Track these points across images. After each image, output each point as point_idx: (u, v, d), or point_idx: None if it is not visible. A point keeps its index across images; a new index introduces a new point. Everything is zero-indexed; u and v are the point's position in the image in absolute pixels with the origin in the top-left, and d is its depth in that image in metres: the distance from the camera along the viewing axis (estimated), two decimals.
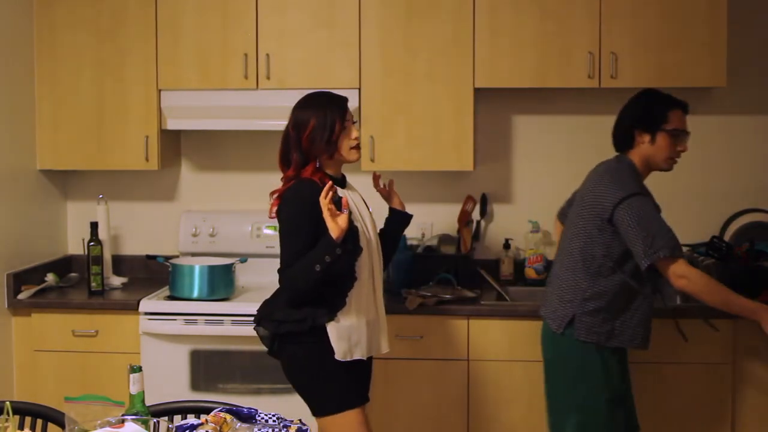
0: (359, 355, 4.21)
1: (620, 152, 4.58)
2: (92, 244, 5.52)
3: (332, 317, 4.15)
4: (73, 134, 5.61)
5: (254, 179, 5.97)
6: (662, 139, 4.46)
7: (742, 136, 5.70)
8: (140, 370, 2.98)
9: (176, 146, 5.96)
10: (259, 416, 3.17)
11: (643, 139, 4.48)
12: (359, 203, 4.34)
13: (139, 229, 6.05)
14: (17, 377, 5.45)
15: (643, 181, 4.48)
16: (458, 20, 5.37)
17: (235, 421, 3.07)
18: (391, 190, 4.68)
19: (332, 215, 4.03)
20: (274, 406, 4.12)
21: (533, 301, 5.44)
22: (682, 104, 4.54)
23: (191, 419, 3.29)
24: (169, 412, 3.44)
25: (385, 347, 4.39)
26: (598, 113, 5.77)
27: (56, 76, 5.61)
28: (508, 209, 5.86)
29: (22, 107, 5.55)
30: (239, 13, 5.48)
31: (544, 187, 5.82)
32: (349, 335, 4.17)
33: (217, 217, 5.85)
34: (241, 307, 5.23)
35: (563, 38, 5.33)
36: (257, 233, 5.79)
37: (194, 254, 5.75)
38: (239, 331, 5.18)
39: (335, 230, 4.02)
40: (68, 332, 5.33)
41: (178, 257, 5.70)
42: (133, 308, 5.28)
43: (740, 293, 4.36)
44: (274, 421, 3.15)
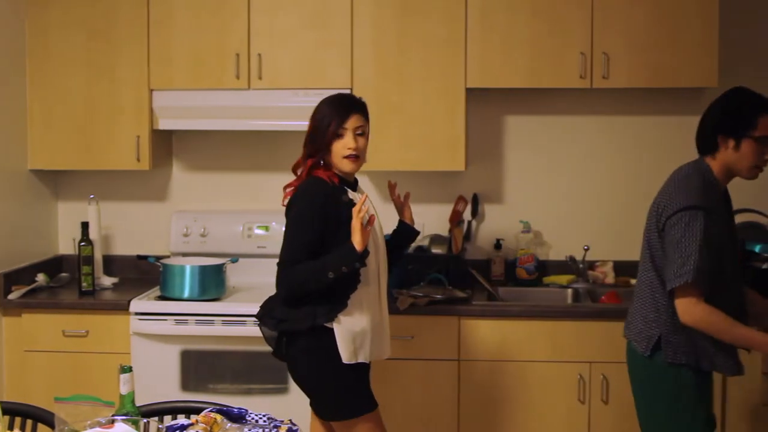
0: (363, 358, 4.21)
1: (702, 155, 4.14)
2: (83, 244, 5.51)
3: (332, 317, 4.14)
4: (64, 134, 5.60)
5: (246, 179, 5.97)
6: (748, 146, 4.02)
7: None
8: (130, 370, 2.97)
9: (168, 146, 5.95)
10: (249, 416, 3.17)
11: (727, 144, 4.04)
12: (371, 209, 4.32)
13: (130, 229, 6.04)
14: (7, 377, 5.43)
15: (719, 189, 4.08)
16: (450, 20, 5.37)
17: (225, 421, 3.07)
18: (405, 202, 4.65)
19: (361, 228, 4.04)
20: (264, 406, 4.12)
21: (524, 301, 5.46)
22: None
23: (181, 419, 3.28)
24: (159, 412, 3.43)
25: (387, 351, 4.39)
26: (590, 113, 5.78)
27: (48, 75, 5.59)
28: (499, 209, 5.86)
29: (13, 107, 5.54)
30: (231, 13, 5.47)
31: (535, 187, 5.83)
32: (353, 338, 4.17)
33: (208, 217, 5.84)
34: (231, 307, 5.23)
35: (555, 38, 5.34)
36: (248, 233, 5.78)
37: (185, 254, 5.74)
38: (230, 331, 5.18)
39: (360, 243, 4.04)
40: (59, 332, 5.31)
41: (169, 257, 5.69)
42: (123, 308, 5.27)
43: None
44: (264, 421, 3.15)
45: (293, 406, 5.10)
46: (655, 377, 4.12)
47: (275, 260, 5.69)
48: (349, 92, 4.42)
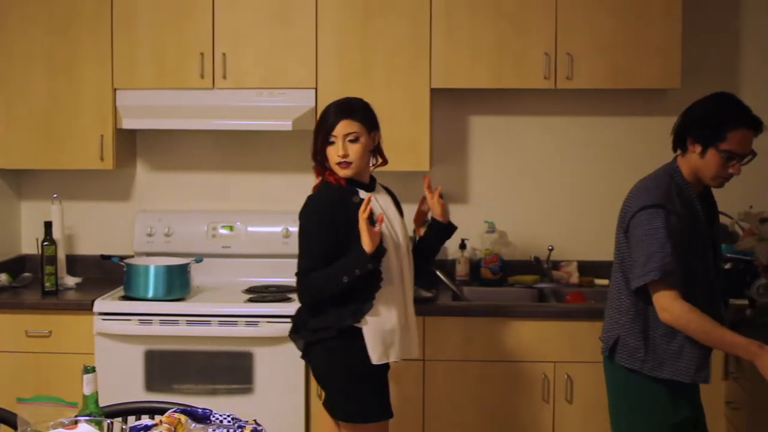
0: (394, 357, 4.23)
1: (675, 152, 4.07)
2: (46, 243, 5.48)
3: (358, 319, 4.16)
4: (26, 133, 5.57)
5: (210, 179, 5.96)
6: (712, 156, 3.90)
7: None
8: (94, 370, 2.95)
9: (131, 146, 5.92)
10: (213, 417, 3.16)
11: (694, 148, 3.94)
12: (388, 206, 4.36)
13: (93, 228, 6.01)
14: None
15: (688, 191, 3.96)
16: (415, 21, 5.37)
17: (189, 421, 3.05)
18: (435, 198, 4.62)
19: (368, 229, 4.05)
20: (229, 406, 4.11)
21: (488, 301, 5.47)
22: (753, 123, 3.94)
23: (145, 420, 3.27)
24: (123, 412, 3.41)
25: (415, 350, 4.39)
26: (554, 114, 5.80)
27: (9, 74, 5.56)
28: (464, 209, 5.86)
29: None
30: (196, 12, 5.46)
31: (500, 187, 5.85)
32: (383, 337, 4.19)
33: (172, 217, 5.82)
34: (196, 307, 5.22)
35: (519, 39, 5.35)
36: (213, 233, 5.77)
37: (149, 254, 5.72)
38: (194, 331, 5.16)
39: (368, 244, 4.05)
40: (21, 332, 5.28)
41: (133, 257, 5.66)
42: (87, 308, 5.24)
43: None
44: (228, 421, 3.14)
45: (258, 406, 5.10)
46: (614, 380, 4.09)
47: (240, 260, 5.75)
48: (352, 97, 4.42)
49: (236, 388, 5.20)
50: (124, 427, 2.90)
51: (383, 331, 4.19)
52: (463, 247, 5.77)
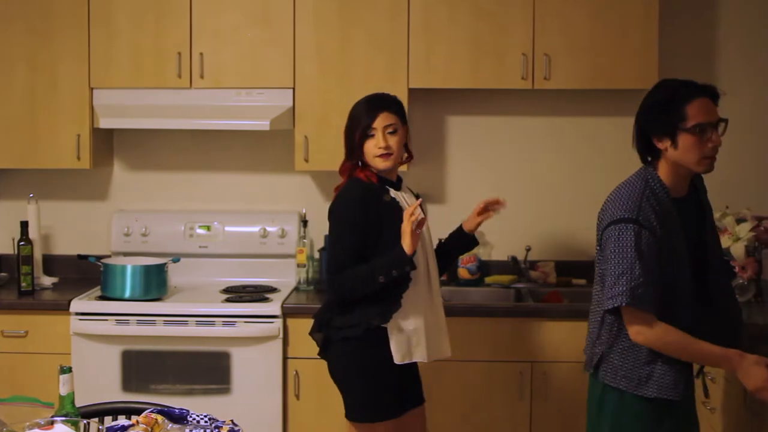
0: (420, 357, 4.21)
1: (646, 163, 3.77)
2: (22, 243, 5.46)
3: (387, 319, 4.14)
4: (3, 132, 5.54)
5: (188, 179, 5.94)
6: (685, 140, 3.62)
7: None
8: (70, 371, 2.95)
9: (109, 145, 5.90)
10: (190, 417, 3.16)
11: (664, 144, 3.65)
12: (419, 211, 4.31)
13: (70, 228, 5.99)
14: None
15: (666, 197, 3.67)
16: (393, 21, 5.38)
17: (166, 422, 3.05)
18: (483, 215, 4.57)
19: (411, 232, 4.04)
20: (206, 406, 4.10)
21: (466, 301, 5.48)
22: (703, 90, 3.71)
23: (122, 420, 3.26)
24: (99, 413, 3.41)
25: (447, 350, 4.36)
26: (531, 114, 5.81)
27: None
28: (441, 210, 5.86)
29: None
30: (173, 11, 5.44)
31: (477, 187, 5.85)
32: (408, 337, 4.17)
33: (149, 216, 5.81)
34: (173, 307, 5.21)
35: (497, 40, 5.36)
36: (190, 233, 5.76)
37: (126, 254, 5.70)
38: (172, 331, 5.15)
39: (410, 246, 4.04)
40: None
41: (110, 257, 5.65)
42: (63, 308, 5.22)
43: None
44: (205, 422, 3.14)
45: (235, 406, 5.10)
46: (597, 397, 3.84)
47: (217, 260, 5.74)
48: (381, 92, 4.41)
49: (214, 388, 5.19)
50: (100, 427, 2.90)
51: (408, 330, 4.17)
52: None
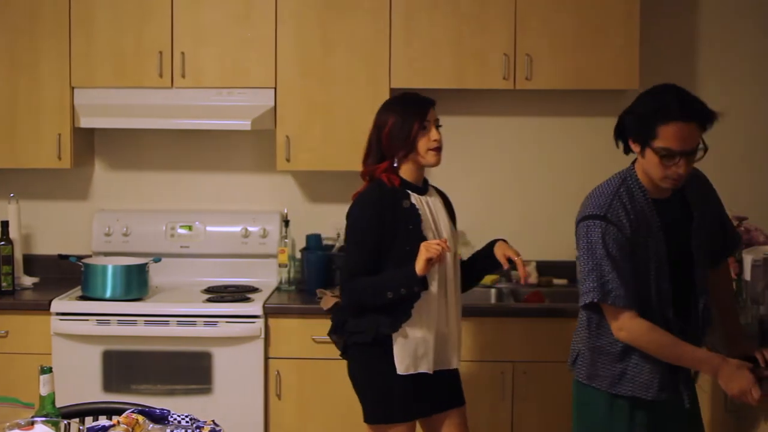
0: (425, 368, 4.15)
1: (626, 153, 3.74)
2: (2, 243, 5.44)
3: (395, 328, 4.10)
4: None
5: (169, 178, 5.93)
6: (650, 155, 3.54)
7: None
8: (50, 371, 2.94)
9: (89, 145, 5.89)
10: (171, 417, 3.15)
11: (635, 148, 3.62)
12: (438, 210, 4.29)
13: (51, 228, 5.97)
14: None
15: (642, 196, 3.64)
16: (375, 21, 5.38)
17: (147, 422, 3.04)
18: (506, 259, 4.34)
19: (426, 261, 3.98)
20: (187, 407, 4.11)
21: None
22: (688, 115, 3.51)
23: (103, 421, 3.26)
24: (80, 413, 3.40)
25: (455, 362, 4.27)
26: (512, 114, 5.82)
27: None
28: None
29: None
30: (154, 11, 5.43)
31: (459, 187, 5.84)
32: (415, 348, 4.12)
33: (130, 216, 5.79)
34: (154, 307, 5.20)
35: (479, 40, 5.37)
36: (171, 233, 5.75)
37: (107, 254, 5.69)
38: (153, 331, 5.15)
39: (422, 270, 4.00)
40: None
41: (90, 257, 5.64)
42: (44, 308, 5.21)
43: None
44: (186, 422, 3.14)
45: (217, 406, 5.09)
46: (578, 395, 3.87)
47: (198, 260, 5.73)
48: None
49: (195, 388, 5.18)
50: (81, 427, 2.89)
51: (415, 340, 4.11)
52: None
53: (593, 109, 5.75)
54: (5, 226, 5.51)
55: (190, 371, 5.18)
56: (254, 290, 5.51)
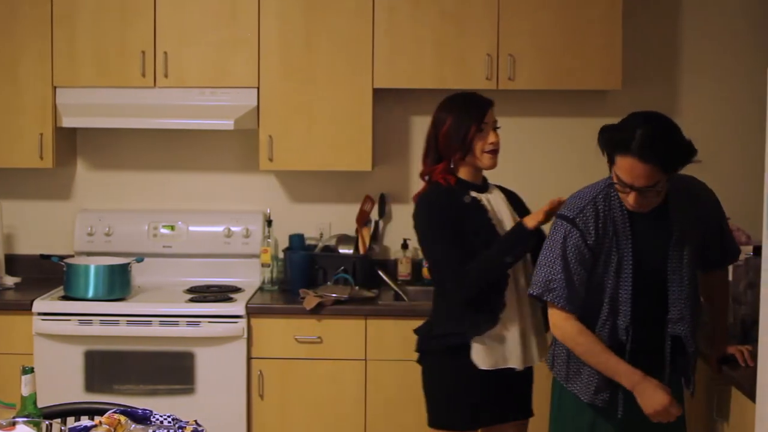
0: (514, 363, 4.08)
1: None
2: None
3: (494, 322, 4.03)
4: None
5: (151, 178, 5.92)
6: (614, 175, 3.63)
7: None
8: (32, 371, 2.93)
9: (72, 144, 5.87)
10: (154, 417, 3.15)
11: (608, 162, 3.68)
12: (500, 207, 4.20)
13: (33, 228, 5.96)
14: None
15: (619, 206, 3.67)
16: (358, 21, 5.38)
17: (129, 422, 3.04)
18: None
19: (546, 211, 3.95)
20: (170, 407, 4.10)
21: (430, 301, 5.46)
22: (643, 157, 3.48)
23: (85, 421, 3.25)
24: (62, 413, 3.39)
25: (537, 359, 4.17)
26: (496, 115, 5.81)
27: None
28: (406, 209, 5.81)
29: None
30: (137, 10, 5.42)
31: None
32: (504, 342, 4.06)
33: (113, 216, 5.78)
34: (137, 307, 5.19)
35: (462, 40, 5.37)
36: (154, 233, 5.74)
37: (90, 254, 5.67)
38: (135, 331, 5.14)
39: (533, 221, 3.96)
40: None
41: (73, 257, 5.62)
42: (26, 308, 5.19)
43: None
44: (169, 422, 3.13)
45: (199, 406, 5.08)
46: (552, 389, 3.99)
47: (181, 260, 5.72)
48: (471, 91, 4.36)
49: (177, 388, 5.17)
50: (63, 428, 2.88)
51: (505, 333, 4.04)
52: (405, 247, 5.78)
53: (576, 109, 5.76)
54: None
55: (172, 371, 5.18)
56: (237, 290, 5.50)
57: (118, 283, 5.32)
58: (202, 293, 5.44)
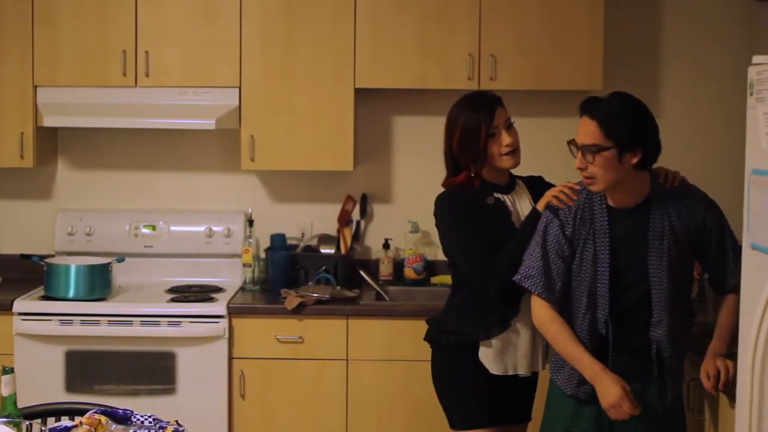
0: (523, 370, 4.07)
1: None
2: None
3: (506, 326, 4.01)
4: None
5: (133, 178, 5.91)
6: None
7: None
8: (12, 371, 2.93)
9: (53, 144, 5.86)
10: (134, 418, 3.15)
11: None
12: (526, 206, 4.14)
13: (13, 227, 5.94)
14: None
15: (598, 203, 3.79)
16: (339, 20, 5.38)
17: (110, 422, 3.04)
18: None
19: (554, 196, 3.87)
20: (151, 407, 4.09)
21: (412, 300, 5.49)
22: (583, 107, 3.76)
23: (65, 421, 3.24)
24: (42, 414, 3.38)
25: (541, 365, 4.14)
26: None
27: None
28: (387, 209, 5.88)
29: None
30: (118, 9, 5.41)
31: (423, 187, 5.83)
32: (515, 348, 4.04)
33: (94, 215, 5.77)
34: (118, 307, 5.18)
35: (443, 40, 5.38)
36: (135, 232, 5.73)
37: (70, 254, 5.66)
38: (116, 331, 5.13)
39: (542, 203, 3.90)
40: None
41: (53, 256, 5.61)
42: (6, 308, 5.17)
43: None
44: (150, 422, 3.13)
45: (181, 406, 5.07)
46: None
47: (162, 260, 5.71)
48: (480, 90, 4.31)
49: (158, 388, 5.16)
50: (43, 428, 2.88)
51: (517, 339, 4.03)
52: (386, 246, 5.78)
53: (557, 109, 5.77)
54: None
55: (153, 371, 5.17)
56: (218, 290, 5.50)
57: (98, 283, 5.31)
58: (183, 293, 5.43)
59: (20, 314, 5.15)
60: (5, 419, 2.84)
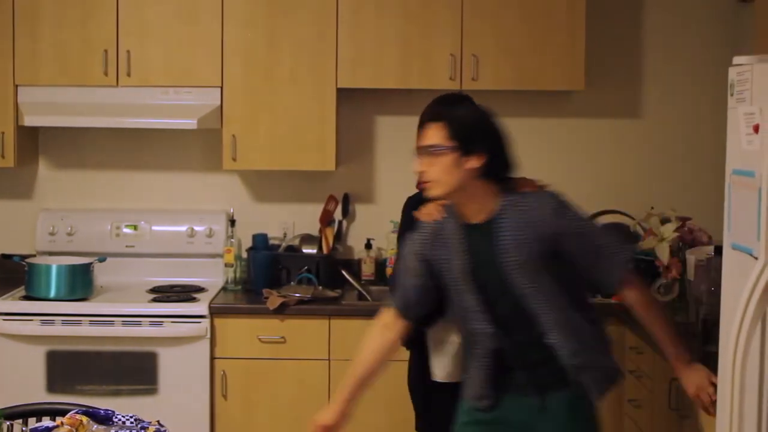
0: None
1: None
2: None
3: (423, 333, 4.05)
4: None
5: (114, 178, 5.90)
6: None
7: (599, 138, 5.81)
8: None
9: (34, 143, 5.84)
10: (116, 418, 3.14)
11: None
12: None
13: None
14: None
15: (455, 219, 3.72)
16: (322, 20, 5.38)
17: (91, 423, 3.03)
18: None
19: None
20: (132, 407, 4.08)
21: None
22: (422, 113, 3.78)
23: (46, 422, 3.23)
24: (23, 414, 3.37)
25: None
26: None
27: None
28: (370, 209, 5.88)
29: None
30: (99, 8, 5.40)
31: (406, 187, 5.82)
32: (452, 355, 4.06)
33: (75, 215, 5.75)
34: (99, 307, 5.17)
35: (426, 40, 5.38)
36: (116, 232, 5.71)
37: (51, 253, 5.64)
38: (98, 331, 5.12)
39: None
40: None
41: (34, 256, 5.59)
42: None
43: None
44: (131, 422, 3.12)
45: (162, 407, 5.07)
46: None
47: (144, 260, 5.71)
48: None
49: (140, 388, 5.15)
50: (24, 428, 2.87)
51: (451, 346, 4.05)
52: (368, 246, 5.79)
53: (540, 109, 5.78)
54: None
55: (135, 371, 5.16)
56: (200, 290, 5.49)
57: (80, 283, 5.29)
58: (165, 293, 5.42)
59: (1, 314, 5.14)
60: None
